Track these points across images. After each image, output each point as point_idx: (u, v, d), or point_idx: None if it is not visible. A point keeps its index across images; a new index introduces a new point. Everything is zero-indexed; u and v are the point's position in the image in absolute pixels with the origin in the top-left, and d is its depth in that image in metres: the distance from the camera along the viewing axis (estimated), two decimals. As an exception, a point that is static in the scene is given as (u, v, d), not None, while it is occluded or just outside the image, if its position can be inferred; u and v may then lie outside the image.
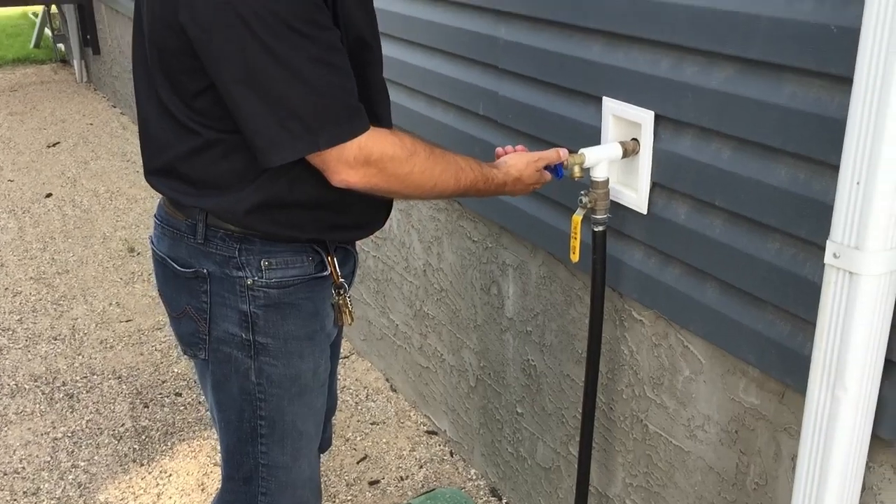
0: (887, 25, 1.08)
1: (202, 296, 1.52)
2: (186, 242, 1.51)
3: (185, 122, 1.41)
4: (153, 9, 1.37)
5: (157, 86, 1.42)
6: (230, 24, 1.23)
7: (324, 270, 1.56)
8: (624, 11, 1.62)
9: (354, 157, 1.34)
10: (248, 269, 1.49)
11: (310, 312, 1.57)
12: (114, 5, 5.91)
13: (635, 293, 1.77)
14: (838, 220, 1.19)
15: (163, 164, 1.49)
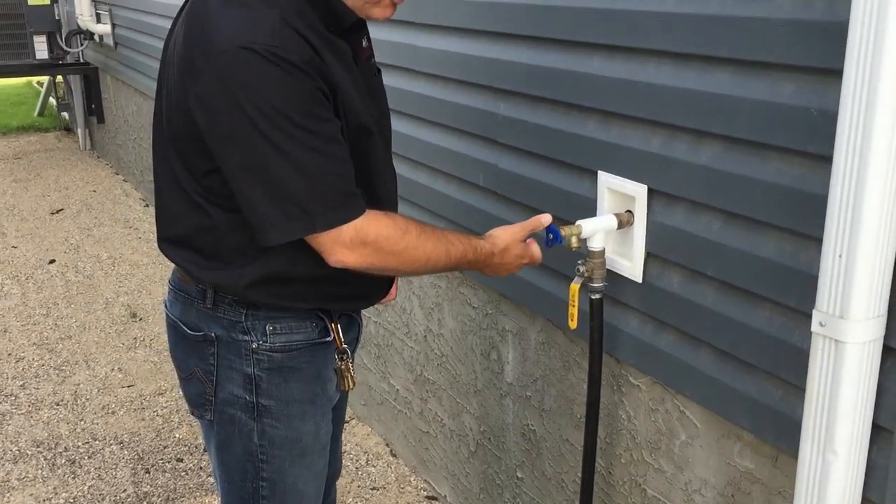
0: (863, 110, 1.16)
1: (210, 358, 1.59)
2: (196, 307, 1.58)
3: (195, 198, 1.49)
4: (170, 93, 1.46)
5: (172, 161, 1.50)
6: (235, 116, 1.32)
7: (327, 336, 1.62)
8: (617, 91, 1.71)
9: (351, 239, 1.41)
10: (253, 333, 1.56)
11: (312, 376, 1.63)
12: (119, 76, 6.06)
13: (632, 359, 1.83)
14: (823, 291, 1.26)
15: (174, 234, 1.57)
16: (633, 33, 1.65)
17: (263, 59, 1.30)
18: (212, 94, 1.34)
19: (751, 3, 1.41)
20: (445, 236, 1.55)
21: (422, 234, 1.50)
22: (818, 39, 1.30)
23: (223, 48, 1.31)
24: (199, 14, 1.39)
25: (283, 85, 1.31)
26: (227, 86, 1.32)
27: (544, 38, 1.90)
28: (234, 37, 1.31)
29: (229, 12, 1.35)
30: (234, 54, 1.30)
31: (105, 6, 5.97)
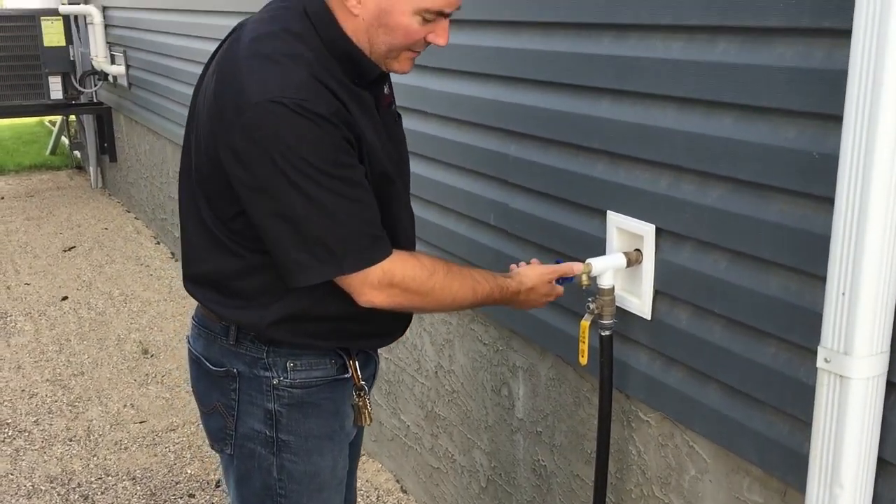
0: (863, 154, 1.21)
1: (231, 393, 1.63)
2: (220, 343, 1.63)
3: (221, 239, 1.55)
4: (199, 139, 1.52)
5: (199, 204, 1.56)
6: (266, 166, 1.38)
7: (345, 373, 1.66)
8: (625, 134, 1.77)
9: (379, 280, 1.47)
10: (274, 369, 1.60)
11: (330, 412, 1.67)
12: (133, 116, 6.16)
13: (642, 395, 1.86)
14: (827, 328, 1.30)
15: (199, 273, 1.62)
16: (639, 78, 1.71)
17: (292, 111, 1.36)
18: (243, 144, 1.39)
19: (752, 51, 1.47)
20: (472, 276, 1.60)
21: (448, 275, 1.55)
22: (818, 86, 1.36)
23: (254, 101, 1.37)
24: (230, 67, 1.45)
25: (311, 135, 1.37)
26: (257, 137, 1.38)
27: (553, 82, 1.97)
28: (263, 90, 1.37)
29: (259, 67, 1.41)
30: (264, 107, 1.36)
31: (120, 48, 6.09)
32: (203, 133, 1.50)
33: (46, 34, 6.50)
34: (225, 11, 4.02)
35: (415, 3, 1.41)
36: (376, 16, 1.43)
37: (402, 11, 1.42)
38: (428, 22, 1.44)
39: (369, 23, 1.44)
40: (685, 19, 1.59)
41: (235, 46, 1.48)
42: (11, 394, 3.83)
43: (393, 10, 1.42)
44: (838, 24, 1.30)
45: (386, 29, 1.44)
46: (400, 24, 1.43)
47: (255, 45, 1.44)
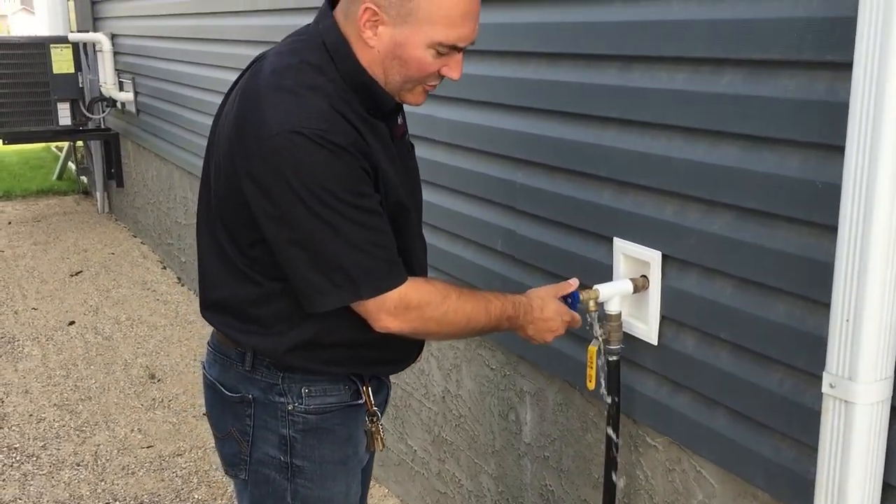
0: (865, 183, 1.24)
1: (246, 419, 1.65)
2: (235, 369, 1.65)
3: (239, 266, 1.58)
4: (219, 168, 1.55)
5: (217, 232, 1.59)
6: (286, 194, 1.42)
7: (359, 399, 1.69)
8: (631, 162, 1.80)
9: (395, 306, 1.50)
10: (289, 395, 1.63)
11: (344, 438, 1.69)
12: (141, 142, 6.22)
13: (649, 419, 1.88)
14: (832, 354, 1.33)
15: (216, 300, 1.65)
16: (644, 108, 1.75)
17: (312, 141, 1.39)
18: (263, 174, 1.43)
19: (756, 83, 1.50)
20: (484, 296, 1.63)
21: (461, 297, 1.57)
22: (821, 118, 1.40)
23: (274, 132, 1.41)
24: (250, 98, 1.49)
25: (330, 165, 1.41)
26: (277, 166, 1.41)
27: (560, 111, 2.01)
28: (284, 121, 1.41)
29: (280, 98, 1.45)
30: (284, 137, 1.40)
31: (128, 75, 6.16)
32: (223, 162, 1.54)
33: (56, 61, 6.57)
34: (232, 40, 4.08)
35: (429, 37, 1.43)
36: (391, 48, 1.46)
37: (416, 45, 1.44)
38: (442, 55, 1.47)
39: (384, 55, 1.47)
40: (690, 52, 1.63)
41: (256, 78, 1.51)
42: (19, 418, 3.85)
43: (407, 43, 1.44)
44: (840, 58, 1.34)
45: (400, 61, 1.47)
46: (414, 56, 1.46)
47: (275, 78, 1.48)
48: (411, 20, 1.42)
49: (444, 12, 1.41)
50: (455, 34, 1.44)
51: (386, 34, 1.45)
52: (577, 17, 1.91)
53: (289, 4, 3.44)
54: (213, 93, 4.40)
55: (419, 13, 1.41)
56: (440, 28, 1.42)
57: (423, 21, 1.42)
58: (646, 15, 1.72)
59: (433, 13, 1.41)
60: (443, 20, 1.42)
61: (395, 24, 1.43)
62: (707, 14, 1.58)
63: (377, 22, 1.44)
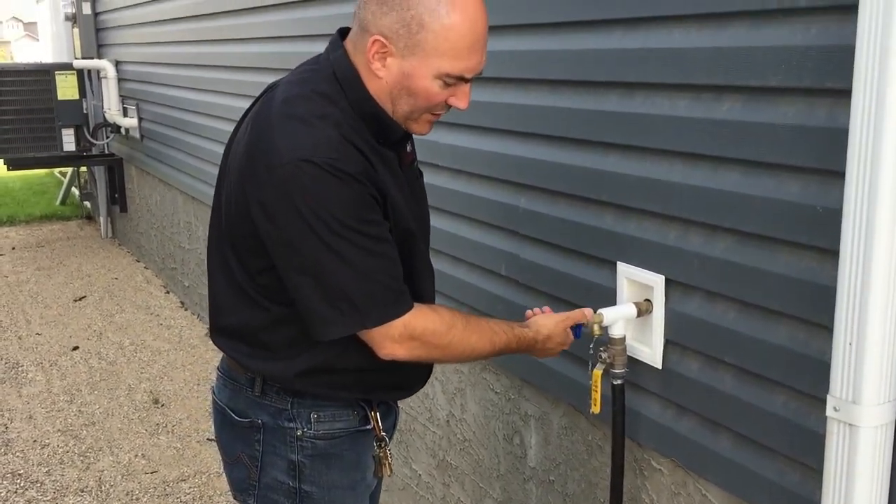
0: (865, 209, 1.26)
1: (255, 444, 1.66)
2: (245, 394, 1.66)
3: (249, 293, 1.59)
4: (230, 196, 1.58)
5: (227, 258, 1.61)
6: (295, 222, 1.44)
7: (367, 424, 1.70)
8: (633, 187, 1.82)
9: (400, 334, 1.51)
10: (298, 420, 1.64)
11: (352, 463, 1.69)
12: (145, 167, 6.26)
13: (654, 443, 1.89)
14: (836, 377, 1.34)
15: (226, 325, 1.67)
16: (646, 134, 1.77)
17: (321, 169, 1.42)
18: (273, 202, 1.45)
19: (756, 109, 1.52)
20: (490, 327, 1.65)
21: (467, 327, 1.59)
22: (820, 143, 1.41)
23: (285, 160, 1.43)
24: (262, 127, 1.51)
25: (339, 193, 1.43)
26: (287, 195, 1.43)
27: (563, 137, 2.03)
28: (294, 150, 1.43)
29: (291, 127, 1.47)
30: (295, 166, 1.42)
31: (132, 101, 6.21)
32: (234, 190, 1.56)
33: (60, 88, 6.63)
34: (235, 67, 4.12)
35: (436, 68, 1.45)
36: (399, 79, 1.48)
37: (423, 76, 1.46)
38: (449, 86, 1.49)
39: (392, 85, 1.49)
40: (691, 79, 1.65)
41: (268, 108, 1.54)
42: (23, 444, 3.85)
43: (415, 74, 1.46)
44: (839, 85, 1.36)
45: (408, 91, 1.49)
46: (421, 87, 1.48)
47: (286, 107, 1.50)
48: (419, 52, 1.44)
49: (450, 45, 1.44)
50: (462, 65, 1.47)
51: (394, 65, 1.47)
52: (579, 45, 1.94)
53: (290, 32, 3.49)
54: (217, 118, 4.44)
55: (426, 45, 1.43)
56: (447, 60, 1.45)
57: (430, 53, 1.44)
58: (647, 42, 1.74)
59: (440, 45, 1.43)
60: (450, 52, 1.44)
61: (404, 55, 1.45)
62: (707, 42, 1.61)
63: (386, 53, 1.46)
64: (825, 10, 1.39)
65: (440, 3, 1.42)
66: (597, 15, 1.87)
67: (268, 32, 3.72)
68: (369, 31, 1.46)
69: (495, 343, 1.64)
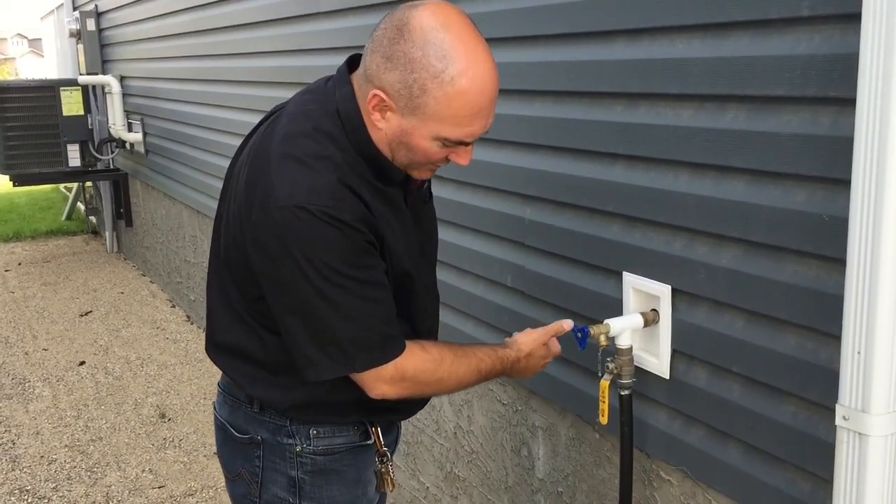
0: (872, 217, 1.26)
1: (255, 460, 1.66)
2: (244, 410, 1.67)
3: (245, 318, 1.60)
4: (229, 224, 1.58)
5: (225, 282, 1.62)
6: (287, 265, 1.43)
7: (368, 439, 1.69)
8: (639, 198, 1.82)
9: (391, 376, 1.52)
10: (298, 437, 1.64)
11: (353, 479, 1.69)
12: (150, 182, 6.28)
13: (662, 454, 1.88)
14: (844, 386, 1.33)
15: (222, 342, 1.67)
16: (651, 144, 1.77)
17: (316, 217, 1.40)
18: (267, 242, 1.45)
19: (760, 119, 1.53)
20: (475, 355, 1.64)
21: (455, 361, 1.60)
22: (825, 152, 1.42)
23: (280, 205, 1.41)
24: (261, 163, 1.49)
25: (334, 240, 1.42)
26: (281, 238, 1.42)
27: (568, 148, 2.03)
28: (290, 195, 1.41)
29: (288, 169, 1.44)
30: (290, 211, 1.40)
31: (137, 116, 6.24)
32: (233, 221, 1.56)
33: (65, 104, 6.66)
34: (238, 81, 4.13)
35: (435, 132, 1.42)
36: (398, 134, 1.45)
37: (422, 136, 1.43)
38: (448, 147, 1.46)
39: (391, 138, 1.46)
40: (695, 89, 1.65)
41: (269, 141, 1.51)
42: (30, 460, 3.85)
43: (414, 133, 1.43)
44: (843, 94, 1.36)
45: (406, 147, 1.46)
46: (420, 146, 1.45)
47: (286, 146, 1.47)
48: (419, 114, 1.40)
49: (452, 112, 1.39)
50: (462, 132, 1.43)
51: (394, 120, 1.44)
52: (583, 56, 1.94)
53: (293, 46, 3.50)
54: (221, 132, 4.45)
55: (427, 110, 1.39)
56: (447, 126, 1.41)
57: (430, 117, 1.40)
58: (650, 53, 1.75)
59: (441, 112, 1.39)
60: (450, 119, 1.40)
61: (403, 114, 1.42)
62: (710, 52, 1.61)
63: (386, 108, 1.43)
64: (828, 18, 1.39)
65: (447, 69, 1.36)
66: (600, 26, 1.88)
67: (271, 47, 3.74)
68: (372, 83, 1.42)
69: (481, 370, 1.64)
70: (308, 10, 3.31)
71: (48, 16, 11.98)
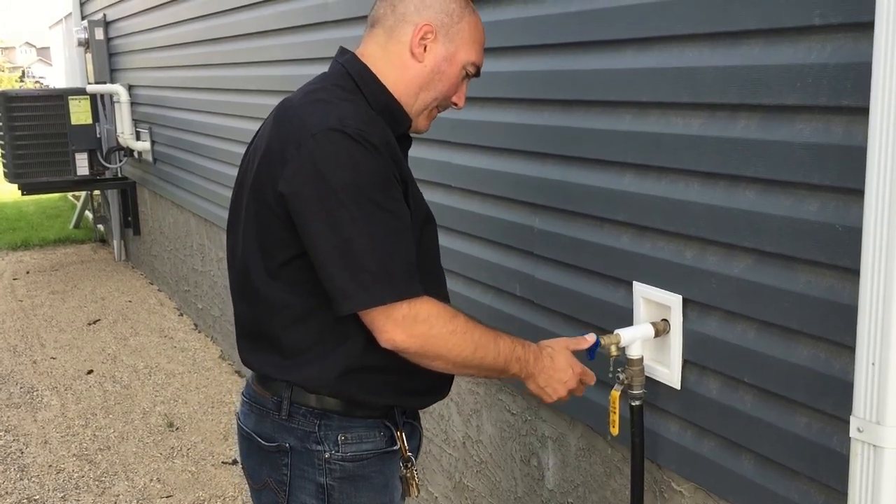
0: (886, 227, 1.25)
1: (283, 468, 1.65)
2: (271, 418, 1.66)
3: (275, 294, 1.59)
4: (250, 200, 1.59)
5: (250, 266, 1.62)
6: (321, 188, 1.47)
7: (393, 444, 1.69)
8: (649, 207, 1.81)
9: (403, 316, 1.49)
10: (326, 443, 1.63)
11: (381, 485, 1.69)
12: (158, 190, 6.29)
13: (673, 465, 1.87)
14: (859, 397, 1.32)
15: (256, 332, 1.67)
16: (661, 153, 1.77)
17: (351, 138, 1.47)
18: (301, 171, 1.48)
19: (771, 128, 1.52)
20: (494, 330, 1.62)
21: (470, 322, 1.57)
22: (838, 161, 1.41)
23: (314, 131, 1.48)
24: (286, 115, 1.58)
25: (367, 163, 1.47)
26: (315, 162, 1.47)
27: (577, 157, 2.02)
28: (323, 122, 1.49)
29: (316, 107, 1.54)
30: (324, 135, 1.47)
31: (145, 124, 6.25)
32: (256, 188, 1.58)
33: (74, 113, 6.69)
34: (246, 90, 4.14)
35: (466, 57, 1.64)
36: (439, 63, 1.62)
37: (458, 62, 1.64)
38: (465, 78, 1.67)
39: (431, 69, 1.62)
40: (705, 98, 1.64)
41: (289, 104, 1.61)
42: (39, 469, 3.85)
43: (453, 59, 1.63)
44: (856, 103, 1.35)
45: (441, 76, 1.63)
46: (452, 73, 1.64)
47: (310, 96, 1.59)
48: (458, 40, 1.63)
49: (478, 36, 1.66)
50: (481, 58, 1.68)
51: (437, 50, 1.62)
52: (592, 65, 1.94)
53: (300, 55, 3.50)
54: (229, 141, 4.46)
55: (464, 34, 1.63)
56: (474, 50, 1.65)
57: (465, 41, 1.64)
58: (660, 62, 1.74)
59: (473, 36, 1.65)
60: (477, 43, 1.66)
61: (444, 42, 1.62)
62: (720, 61, 1.60)
63: (429, 40, 1.61)
64: (840, 27, 1.38)
65: (467, 4, 1.65)
66: (609, 35, 1.87)
67: (279, 56, 3.74)
68: (413, 22, 1.60)
69: (500, 345, 1.58)
70: (316, 20, 3.32)
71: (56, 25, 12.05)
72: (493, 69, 2.28)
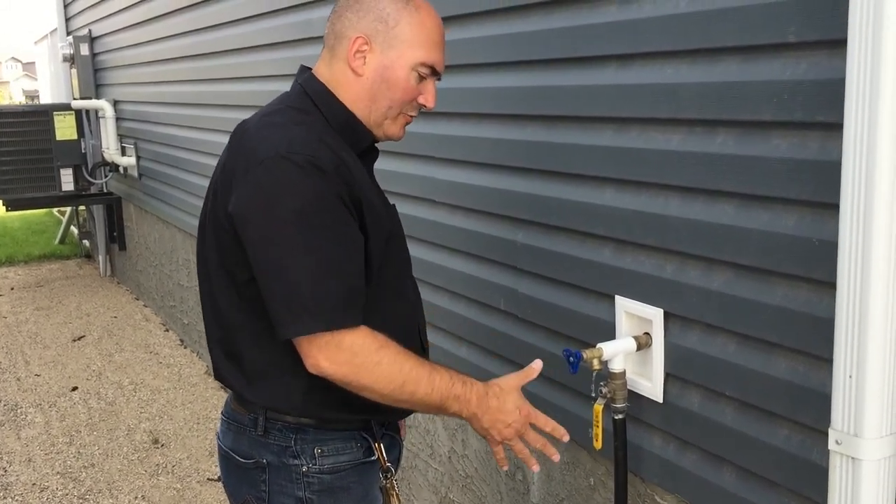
0: (861, 241, 1.26)
1: (261, 485, 1.65)
2: (248, 435, 1.66)
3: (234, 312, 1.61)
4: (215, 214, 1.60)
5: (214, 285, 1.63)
6: (266, 214, 1.49)
7: (371, 455, 1.69)
8: (629, 221, 1.83)
9: (326, 343, 1.48)
10: (303, 457, 1.63)
11: (360, 496, 1.69)
12: (143, 206, 6.28)
13: (657, 478, 1.88)
14: (837, 410, 1.33)
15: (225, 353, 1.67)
16: (640, 168, 1.78)
17: (298, 166, 1.47)
18: (249, 195, 1.50)
19: (749, 143, 1.53)
20: (433, 365, 1.57)
21: (402, 354, 1.53)
22: (814, 176, 1.42)
23: (262, 157, 1.49)
24: (239, 137, 1.60)
25: (312, 189, 1.47)
26: (262, 188, 1.49)
27: (559, 171, 2.04)
28: (272, 148, 1.50)
29: (267, 131, 1.56)
30: (272, 161, 1.48)
31: (130, 140, 6.24)
32: (214, 208, 1.60)
33: (59, 128, 6.66)
34: (233, 105, 4.15)
35: (411, 59, 1.59)
36: (380, 72, 1.59)
37: (401, 66, 1.59)
38: (421, 80, 1.61)
39: (373, 81, 1.60)
40: (684, 113, 1.66)
41: (245, 126, 1.63)
42: (22, 488, 3.81)
43: (393, 65, 1.59)
44: (830, 118, 1.37)
45: (387, 84, 1.59)
46: (400, 78, 1.59)
47: (264, 118, 1.60)
48: (397, 44, 1.58)
49: (425, 35, 1.60)
50: (434, 57, 1.61)
51: (374, 60, 1.59)
52: (573, 81, 1.96)
53: (285, 71, 3.51)
54: (214, 156, 4.44)
55: (403, 36, 1.58)
56: (422, 50, 1.59)
57: (407, 44, 1.58)
58: (640, 78, 1.76)
59: (416, 36, 1.59)
60: (425, 43, 1.59)
61: (382, 50, 1.58)
62: (698, 77, 1.62)
63: (366, 52, 1.59)
64: (815, 44, 1.40)
65: (407, 4, 1.59)
66: (590, 52, 1.89)
67: (264, 71, 3.75)
68: (348, 36, 1.59)
69: (434, 381, 1.53)
70: (300, 36, 3.33)
71: (42, 40, 12.02)
72: (476, 85, 2.30)
